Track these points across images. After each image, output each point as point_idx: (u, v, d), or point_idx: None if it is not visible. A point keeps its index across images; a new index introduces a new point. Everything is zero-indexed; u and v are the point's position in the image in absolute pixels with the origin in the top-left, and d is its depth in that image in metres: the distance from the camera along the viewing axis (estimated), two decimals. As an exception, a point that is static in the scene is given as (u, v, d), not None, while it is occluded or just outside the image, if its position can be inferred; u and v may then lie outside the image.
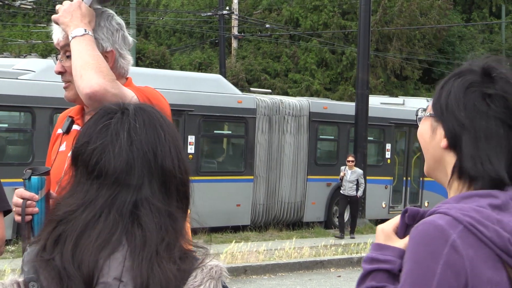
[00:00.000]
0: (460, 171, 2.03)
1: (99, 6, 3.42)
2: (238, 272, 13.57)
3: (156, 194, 1.90)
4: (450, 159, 2.05)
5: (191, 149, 18.79)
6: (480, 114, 2.01)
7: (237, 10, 42.03)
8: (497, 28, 53.12)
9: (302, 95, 32.64)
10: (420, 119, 2.15)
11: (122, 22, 3.47)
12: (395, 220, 2.07)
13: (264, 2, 48.32)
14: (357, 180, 19.66)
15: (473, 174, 2.00)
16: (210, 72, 37.01)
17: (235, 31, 43.74)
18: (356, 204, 20.12)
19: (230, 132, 21.18)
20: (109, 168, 1.88)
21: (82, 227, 1.83)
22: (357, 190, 19.74)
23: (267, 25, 43.83)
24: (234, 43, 45.16)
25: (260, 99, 20.46)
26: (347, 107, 22.46)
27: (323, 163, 21.90)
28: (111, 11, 3.47)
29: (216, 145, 20.93)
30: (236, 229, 19.45)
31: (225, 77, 27.24)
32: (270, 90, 27.70)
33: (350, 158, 19.79)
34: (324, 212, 21.65)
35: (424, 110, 2.15)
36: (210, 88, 19.43)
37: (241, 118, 19.92)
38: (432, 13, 45.27)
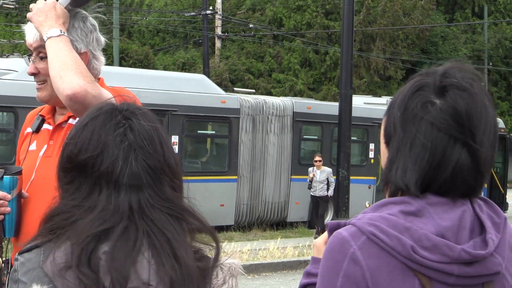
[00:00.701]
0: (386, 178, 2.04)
1: (72, 8, 3.38)
2: (222, 272, 13.56)
3: (164, 193, 1.91)
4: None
5: (174, 149, 18.74)
6: (414, 119, 1.96)
7: (221, 10, 42.00)
8: (480, 28, 53.34)
9: (285, 95, 32.64)
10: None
11: (96, 23, 3.45)
12: (326, 234, 2.08)
13: (248, 2, 48.31)
14: (327, 179, 19.37)
15: (387, 179, 2.00)
16: (194, 72, 36.96)
17: (218, 31, 43.70)
18: (326, 204, 19.75)
19: (213, 132, 21.17)
20: (116, 170, 1.87)
21: (98, 234, 1.81)
22: (327, 189, 19.48)
23: (251, 25, 43.81)
24: (218, 43, 45.12)
25: (243, 99, 20.46)
26: (331, 107, 22.48)
27: (307, 163, 21.90)
28: (84, 12, 3.44)
29: (199, 145, 20.91)
30: (220, 229, 19.44)
31: (208, 77, 27.21)
32: (253, 90, 27.70)
33: (317, 158, 19.50)
34: (308, 212, 21.67)
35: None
36: (193, 88, 19.41)
37: (224, 118, 19.91)
38: (415, 13, 45.41)
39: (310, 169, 19.50)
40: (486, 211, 1.98)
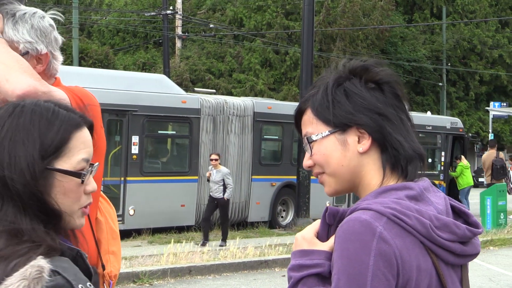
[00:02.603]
0: (395, 161, 2.09)
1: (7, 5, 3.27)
2: (182, 272, 13.52)
3: None
4: (369, 160, 2.10)
5: (135, 149, 18.68)
6: (384, 103, 2.09)
7: (181, 10, 41.91)
8: (438, 29, 53.84)
9: (246, 95, 32.66)
10: (311, 146, 2.13)
11: (53, 22, 3.36)
12: (315, 226, 2.11)
13: (208, 2, 48.29)
14: (224, 180, 17.54)
15: (409, 155, 2.08)
16: (154, 72, 36.83)
17: (179, 31, 43.61)
18: (225, 208, 17.86)
19: (174, 132, 21.10)
20: None
21: None
22: (224, 191, 17.56)
23: (211, 25, 43.79)
24: (178, 43, 45.02)
25: (204, 99, 20.43)
26: (291, 107, 22.51)
27: (268, 163, 21.95)
28: (42, 12, 3.34)
29: (160, 146, 20.84)
30: (180, 229, 19.40)
31: (169, 77, 27.14)
32: (214, 90, 27.67)
33: (214, 157, 17.72)
34: (269, 212, 21.70)
35: (310, 138, 2.13)
36: (154, 88, 19.34)
37: (185, 118, 19.86)
38: (375, 14, 45.73)
39: (210, 167, 18.04)
40: None
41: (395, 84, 2.13)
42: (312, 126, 2.13)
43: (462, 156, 25.65)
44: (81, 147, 2.00)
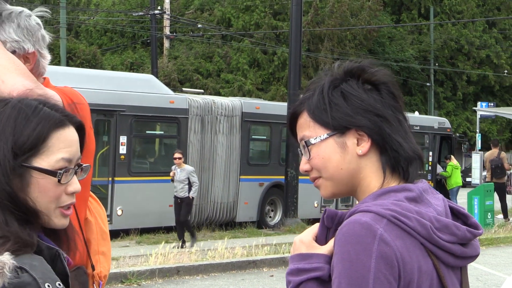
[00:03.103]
0: (395, 162, 2.07)
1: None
2: (170, 272, 13.51)
3: None
4: (368, 162, 2.07)
5: (123, 149, 18.65)
6: (382, 104, 2.07)
7: (169, 10, 41.86)
8: (426, 29, 53.98)
9: (234, 95, 32.66)
10: (308, 149, 2.10)
11: (40, 21, 3.33)
12: (313, 229, 2.08)
13: (196, 2, 48.26)
14: (188, 179, 17.06)
15: (409, 156, 2.06)
16: (142, 72, 36.78)
17: (167, 31, 43.56)
18: (189, 206, 17.29)
19: (162, 132, 21.08)
20: None
21: None
22: (189, 190, 17.11)
23: (199, 25, 43.77)
24: (166, 43, 44.98)
25: (192, 99, 20.41)
26: (279, 107, 22.55)
27: (256, 163, 21.95)
28: (28, 11, 3.32)
29: (148, 146, 20.81)
30: (169, 229, 19.37)
31: (157, 77, 27.12)
32: (202, 90, 27.64)
33: (177, 155, 17.22)
34: (257, 212, 21.71)
35: (308, 142, 2.10)
36: (142, 88, 19.31)
37: (173, 118, 19.84)
38: (363, 14, 45.81)
39: (173, 167, 17.54)
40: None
41: (392, 84, 2.11)
42: (309, 129, 2.10)
43: (452, 156, 25.72)
44: (61, 146, 1.97)
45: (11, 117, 1.94)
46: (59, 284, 1.86)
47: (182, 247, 16.66)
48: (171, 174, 17.32)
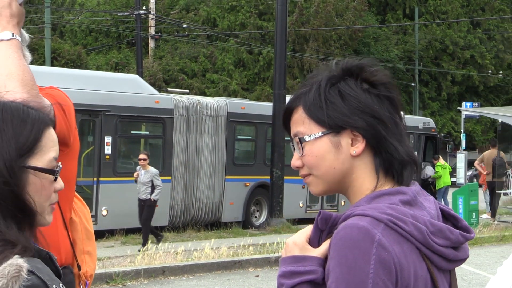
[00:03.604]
0: (389, 165, 2.04)
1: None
2: (156, 273, 13.50)
3: None
4: (361, 163, 2.05)
5: (108, 149, 18.61)
6: (379, 106, 2.04)
7: (154, 9, 41.79)
8: (411, 29, 54.11)
9: (219, 95, 32.65)
10: (302, 145, 2.07)
11: None
12: (306, 232, 2.04)
13: (181, 2, 48.21)
14: (152, 181, 16.69)
15: (404, 160, 2.04)
16: (127, 72, 36.73)
17: (152, 31, 43.48)
18: (151, 209, 16.83)
19: (147, 132, 21.04)
20: None
21: None
22: (152, 192, 16.72)
23: (185, 25, 43.73)
24: (151, 43, 44.90)
25: (177, 99, 20.39)
26: (265, 107, 22.57)
27: (241, 163, 21.95)
28: None
29: (133, 146, 20.76)
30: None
31: (142, 77, 27.06)
32: (187, 90, 27.62)
33: (142, 156, 16.78)
34: (242, 212, 21.71)
35: (302, 138, 2.06)
36: (127, 88, 19.27)
37: (158, 118, 19.82)
38: (348, 14, 45.90)
39: (138, 167, 17.05)
40: None
41: (390, 85, 2.08)
42: (304, 125, 2.06)
43: (440, 156, 25.78)
44: (51, 145, 2.02)
45: (7, 120, 1.96)
46: (62, 286, 1.90)
47: (144, 249, 15.94)
48: (135, 175, 16.97)
